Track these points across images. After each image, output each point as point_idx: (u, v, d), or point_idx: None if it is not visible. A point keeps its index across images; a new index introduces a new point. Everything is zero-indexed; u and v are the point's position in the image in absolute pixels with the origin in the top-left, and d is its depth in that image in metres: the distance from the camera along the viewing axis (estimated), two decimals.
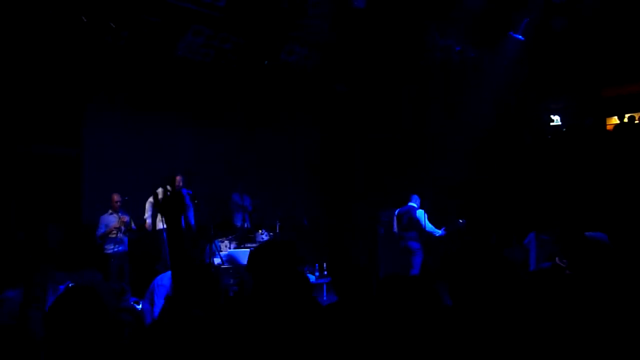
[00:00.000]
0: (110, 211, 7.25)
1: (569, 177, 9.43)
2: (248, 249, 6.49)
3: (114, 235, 7.15)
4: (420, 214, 7.63)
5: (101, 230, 7.16)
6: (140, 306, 4.80)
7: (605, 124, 10.00)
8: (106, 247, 7.19)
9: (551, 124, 10.00)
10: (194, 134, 9.32)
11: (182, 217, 6.82)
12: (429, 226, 7.60)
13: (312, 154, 10.81)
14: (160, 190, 6.83)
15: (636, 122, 9.24)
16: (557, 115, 9.93)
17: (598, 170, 9.24)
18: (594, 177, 9.18)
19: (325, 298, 7.99)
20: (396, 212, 7.92)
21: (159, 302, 5.05)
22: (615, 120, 9.83)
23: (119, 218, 7.19)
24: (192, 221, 7.24)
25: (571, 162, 9.54)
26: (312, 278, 7.24)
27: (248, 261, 2.72)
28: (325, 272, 8.14)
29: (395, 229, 7.91)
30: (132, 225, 7.41)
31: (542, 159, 9.77)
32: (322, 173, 10.85)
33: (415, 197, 7.80)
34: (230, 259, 6.57)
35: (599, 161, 9.28)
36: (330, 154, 10.89)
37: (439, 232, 7.63)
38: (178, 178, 7.17)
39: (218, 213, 8.48)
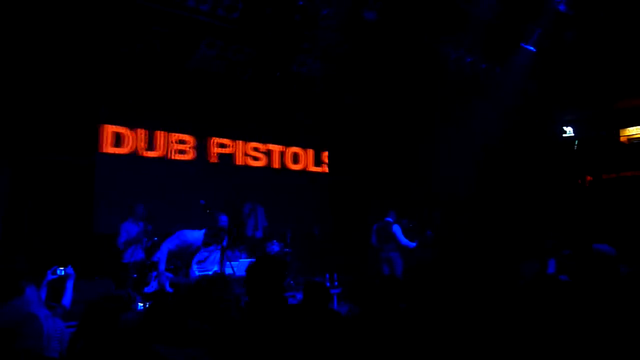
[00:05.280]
0: (131, 219, 7.30)
1: (583, 189, 9.34)
2: None
3: (137, 242, 7.22)
4: (396, 228, 8.47)
5: (123, 238, 7.22)
6: None
7: (619, 136, 9.90)
8: (124, 256, 7.24)
9: (564, 135, 9.93)
10: (205, 143, 9.39)
11: None
12: (404, 239, 8.41)
13: (323, 164, 10.84)
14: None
15: None
16: (570, 127, 9.85)
17: (612, 181, 9.14)
18: (609, 189, 9.08)
19: (336, 308, 7.96)
20: (374, 227, 8.75)
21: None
22: (629, 131, 9.73)
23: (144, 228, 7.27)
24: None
25: (584, 173, 9.45)
26: None
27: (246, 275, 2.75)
28: (336, 283, 8.12)
29: (374, 241, 8.73)
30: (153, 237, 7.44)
31: (554, 170, 9.70)
32: (332, 183, 10.86)
33: (392, 212, 8.64)
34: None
35: (612, 172, 9.19)
36: (341, 164, 10.90)
37: (412, 244, 8.44)
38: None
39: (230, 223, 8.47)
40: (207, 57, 8.23)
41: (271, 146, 10.16)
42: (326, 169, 10.93)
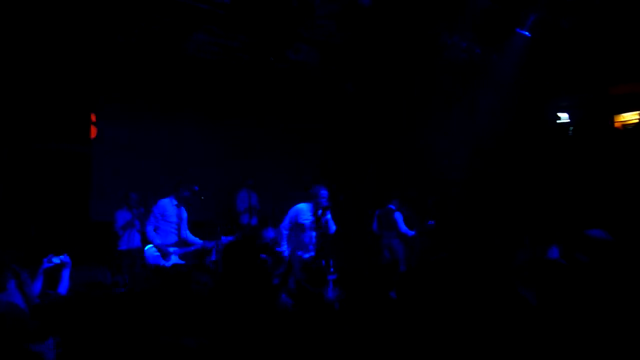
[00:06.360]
0: (125, 208, 7.41)
1: (578, 176, 9.38)
2: None
3: (132, 226, 7.31)
4: (398, 215, 8.53)
5: (120, 223, 7.34)
6: None
7: (613, 122, 9.91)
8: (120, 243, 7.33)
9: (558, 121, 9.93)
10: (201, 131, 9.37)
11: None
12: (403, 227, 8.45)
13: (319, 151, 10.82)
14: None
15: None
16: (565, 113, 9.85)
17: (608, 169, 9.17)
18: (603, 176, 9.12)
19: (330, 294, 8.01)
20: (376, 213, 8.79)
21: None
22: (623, 117, 9.73)
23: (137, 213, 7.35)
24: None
25: (579, 160, 9.48)
26: None
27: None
28: (332, 269, 8.15)
29: (375, 227, 8.80)
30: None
31: (549, 157, 9.73)
32: (328, 170, 10.86)
33: (395, 200, 8.64)
34: None
35: (608, 160, 9.21)
36: (337, 151, 10.89)
37: (411, 232, 8.49)
38: None
39: (225, 210, 8.53)
40: (202, 43, 8.17)
41: None
42: None
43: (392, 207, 8.66)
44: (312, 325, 2.48)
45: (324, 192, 6.17)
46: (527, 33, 8.36)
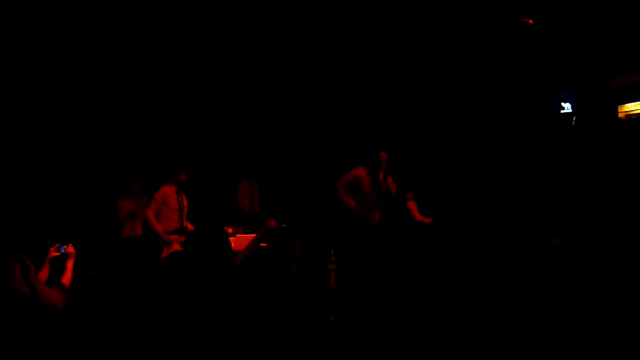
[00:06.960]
0: (127, 196, 7.42)
1: (581, 167, 9.36)
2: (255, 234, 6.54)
3: (134, 217, 7.33)
4: (412, 204, 8.57)
5: (122, 213, 7.35)
6: None
7: (617, 112, 9.87)
8: (123, 231, 7.34)
9: (562, 111, 9.91)
10: (202, 119, 9.38)
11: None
12: (418, 216, 8.50)
13: (321, 140, 10.78)
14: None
15: None
16: (568, 103, 9.82)
17: (611, 159, 9.15)
18: (607, 167, 9.10)
19: (332, 284, 8.04)
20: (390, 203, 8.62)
21: None
22: (627, 107, 9.69)
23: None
24: None
25: (583, 151, 9.46)
26: None
27: None
28: (333, 259, 8.17)
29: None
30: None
31: (553, 147, 9.70)
32: (331, 159, 10.82)
33: (411, 189, 8.60)
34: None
35: (611, 150, 9.19)
36: (338, 141, 10.84)
37: (426, 220, 8.48)
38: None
39: (227, 198, 8.53)
40: None
41: None
42: None
43: (408, 195, 8.64)
44: (312, 312, 2.52)
45: (384, 155, 6.46)
46: (530, 22, 8.33)
